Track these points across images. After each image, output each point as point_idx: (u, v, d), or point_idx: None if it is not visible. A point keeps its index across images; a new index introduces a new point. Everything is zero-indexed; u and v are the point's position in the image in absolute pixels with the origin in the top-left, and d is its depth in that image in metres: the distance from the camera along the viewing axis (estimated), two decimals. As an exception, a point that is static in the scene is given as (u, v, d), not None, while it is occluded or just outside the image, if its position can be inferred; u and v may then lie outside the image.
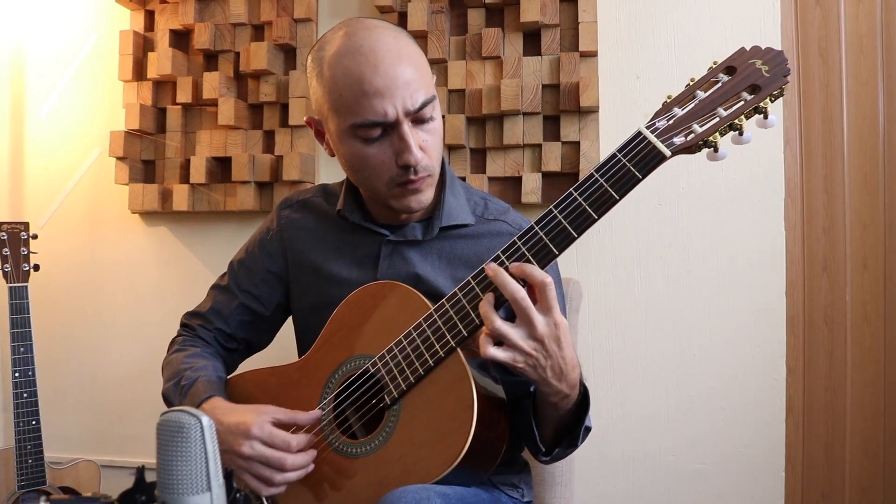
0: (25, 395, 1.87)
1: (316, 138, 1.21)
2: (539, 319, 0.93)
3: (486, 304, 0.95)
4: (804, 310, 1.81)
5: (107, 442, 2.22)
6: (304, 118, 1.21)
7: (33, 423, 1.87)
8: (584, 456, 1.84)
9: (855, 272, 1.79)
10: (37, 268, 1.95)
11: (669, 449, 1.84)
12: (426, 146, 1.10)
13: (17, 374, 1.86)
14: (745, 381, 1.80)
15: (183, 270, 2.17)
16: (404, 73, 1.06)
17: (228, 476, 0.65)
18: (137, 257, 2.22)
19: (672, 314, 1.85)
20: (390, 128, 1.08)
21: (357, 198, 1.25)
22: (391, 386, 1.02)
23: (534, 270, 0.93)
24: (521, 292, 0.92)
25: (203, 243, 2.16)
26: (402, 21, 1.98)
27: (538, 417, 1.08)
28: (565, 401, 1.02)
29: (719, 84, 0.92)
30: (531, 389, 1.10)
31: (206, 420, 0.66)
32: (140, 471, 0.64)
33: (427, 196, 1.14)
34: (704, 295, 1.83)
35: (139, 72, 2.16)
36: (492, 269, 0.95)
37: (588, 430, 1.11)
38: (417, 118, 1.09)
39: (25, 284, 1.91)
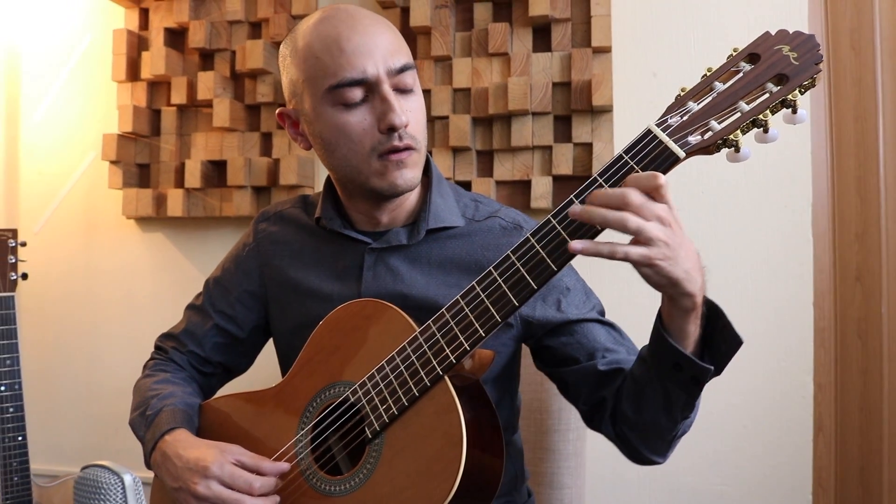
0: (12, 409, 1.79)
1: (289, 132, 1.12)
2: (656, 205, 0.78)
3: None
4: (835, 322, 1.70)
5: (102, 455, 2.15)
6: (276, 111, 1.11)
7: (20, 438, 1.79)
8: (596, 476, 1.75)
9: (893, 281, 1.67)
10: (25, 276, 1.87)
11: (688, 469, 1.74)
12: (410, 116, 1.01)
13: (2, 388, 1.78)
14: (769, 397, 1.70)
15: (179, 278, 2.11)
16: (384, 35, 1.01)
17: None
18: (133, 264, 2.16)
19: (691, 326, 1.73)
20: (371, 91, 1.00)
21: (336, 203, 1.15)
22: (372, 417, 0.91)
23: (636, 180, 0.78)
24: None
25: (199, 250, 2.10)
26: (404, 16, 1.89)
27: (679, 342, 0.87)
28: (702, 306, 0.87)
29: (741, 74, 0.80)
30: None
31: (128, 478, 0.56)
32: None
33: (414, 175, 1.04)
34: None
35: (133, 72, 2.09)
36: (577, 209, 0.79)
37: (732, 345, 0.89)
38: (399, 84, 1.01)
39: (12, 294, 1.83)
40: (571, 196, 0.82)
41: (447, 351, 0.87)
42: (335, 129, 1.01)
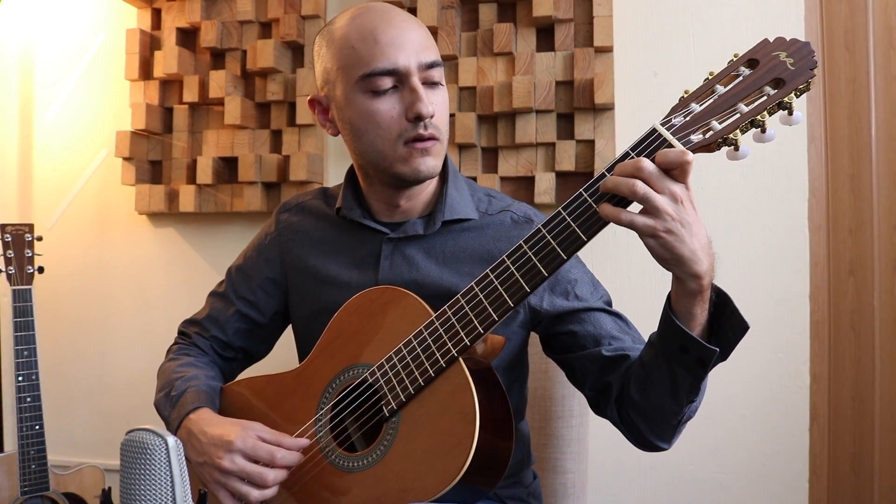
0: (29, 399, 1.84)
1: (318, 119, 1.18)
2: (672, 183, 0.82)
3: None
4: (829, 314, 1.74)
5: (115, 446, 2.15)
6: (308, 98, 1.17)
7: (37, 427, 1.84)
8: (598, 464, 1.79)
9: (884, 275, 1.71)
10: (41, 270, 1.92)
11: (688, 457, 1.77)
12: (436, 109, 1.07)
13: (20, 378, 1.83)
14: (767, 387, 1.74)
15: (190, 272, 2.15)
16: (416, 31, 1.08)
17: (202, 499, 0.61)
18: (144, 259, 2.20)
19: (690, 319, 1.77)
20: (401, 82, 1.06)
21: (357, 194, 1.20)
22: (389, 397, 0.97)
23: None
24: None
25: (210, 245, 2.14)
26: (411, 17, 1.93)
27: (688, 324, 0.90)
28: (710, 291, 0.89)
29: (740, 78, 0.85)
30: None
31: (171, 440, 0.61)
32: (106, 494, 0.59)
33: (436, 163, 1.10)
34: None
35: (146, 71, 2.13)
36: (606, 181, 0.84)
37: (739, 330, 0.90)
38: (427, 79, 1.07)
39: (29, 287, 1.88)
40: (581, 190, 0.87)
41: (462, 334, 0.92)
42: (365, 116, 1.07)
